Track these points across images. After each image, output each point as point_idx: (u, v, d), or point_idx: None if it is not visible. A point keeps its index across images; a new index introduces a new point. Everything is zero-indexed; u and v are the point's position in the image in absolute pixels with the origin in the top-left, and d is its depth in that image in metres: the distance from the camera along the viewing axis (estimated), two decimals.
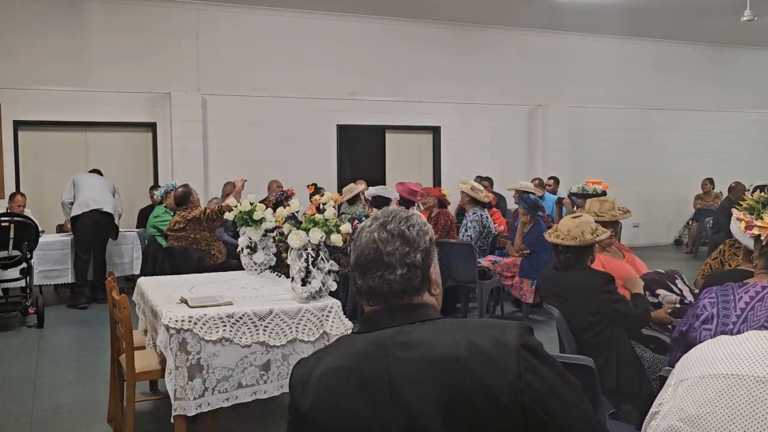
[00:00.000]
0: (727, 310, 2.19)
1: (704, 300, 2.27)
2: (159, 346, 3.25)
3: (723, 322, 2.17)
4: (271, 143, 9.90)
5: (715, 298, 2.24)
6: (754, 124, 13.30)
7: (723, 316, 2.19)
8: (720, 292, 2.25)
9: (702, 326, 2.21)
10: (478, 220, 6.52)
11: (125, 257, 7.80)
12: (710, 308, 2.23)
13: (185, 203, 6.16)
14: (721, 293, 2.24)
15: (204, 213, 5.97)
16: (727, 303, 2.21)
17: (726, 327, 2.16)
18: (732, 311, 2.18)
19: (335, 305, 3.55)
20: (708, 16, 10.71)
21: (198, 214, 6.02)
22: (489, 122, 11.26)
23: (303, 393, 1.34)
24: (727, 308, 2.20)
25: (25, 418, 4.12)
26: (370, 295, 1.36)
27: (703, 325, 2.21)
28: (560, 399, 1.22)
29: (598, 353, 3.10)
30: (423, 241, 1.36)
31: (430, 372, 1.23)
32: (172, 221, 6.24)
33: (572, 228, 3.39)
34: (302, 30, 10.02)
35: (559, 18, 10.68)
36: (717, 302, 2.22)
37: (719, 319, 2.19)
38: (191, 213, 6.05)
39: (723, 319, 2.18)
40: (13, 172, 8.78)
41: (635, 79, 12.22)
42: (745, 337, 1.06)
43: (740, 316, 2.16)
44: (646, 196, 12.20)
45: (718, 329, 2.17)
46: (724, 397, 0.97)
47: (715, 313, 2.21)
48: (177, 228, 6.05)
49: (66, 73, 8.94)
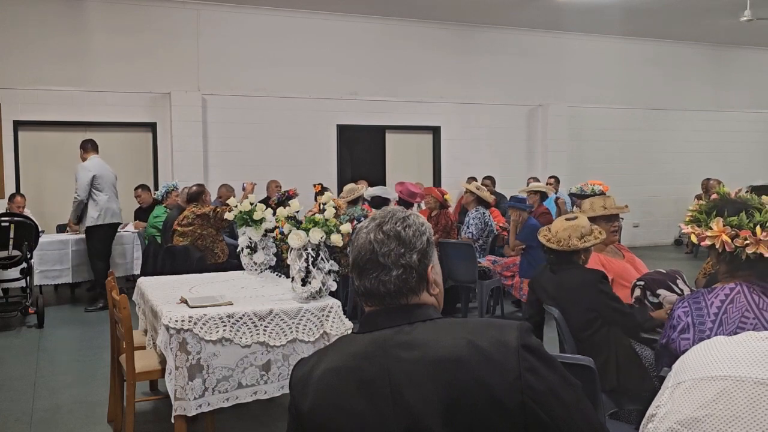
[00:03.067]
0: (702, 317, 2.21)
1: (678, 310, 2.28)
2: (159, 346, 3.25)
3: (699, 329, 2.19)
4: (271, 143, 9.90)
5: (689, 307, 2.25)
6: (753, 124, 13.30)
7: (699, 323, 2.20)
8: (692, 300, 2.27)
9: (680, 336, 2.23)
10: (480, 218, 6.55)
11: (125, 257, 7.80)
12: (685, 318, 2.24)
13: (198, 200, 6.32)
14: (693, 301, 2.26)
15: (214, 211, 6.10)
16: (700, 310, 2.22)
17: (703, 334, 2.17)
18: (706, 317, 2.20)
19: (335, 305, 3.55)
20: (708, 16, 10.71)
21: (208, 210, 6.18)
22: (489, 122, 11.26)
23: (303, 393, 1.34)
24: (701, 315, 2.21)
25: (25, 418, 4.12)
26: (368, 295, 1.36)
27: (681, 335, 2.23)
28: (560, 399, 1.22)
29: (598, 352, 3.10)
30: (419, 242, 1.36)
31: (430, 372, 1.23)
32: (181, 216, 6.37)
33: (560, 231, 3.37)
34: (302, 30, 10.02)
35: (559, 18, 10.68)
36: (690, 311, 2.24)
37: (695, 327, 2.20)
38: (201, 209, 6.21)
39: (699, 326, 2.20)
40: (13, 172, 8.78)
41: (635, 79, 12.22)
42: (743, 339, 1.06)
43: (714, 321, 2.18)
44: (646, 196, 12.20)
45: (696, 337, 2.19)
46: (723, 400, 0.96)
47: (690, 322, 2.22)
48: (185, 222, 6.17)
49: (66, 73, 8.94)
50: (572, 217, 3.51)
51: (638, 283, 3.49)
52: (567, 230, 3.35)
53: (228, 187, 8.49)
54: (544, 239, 3.40)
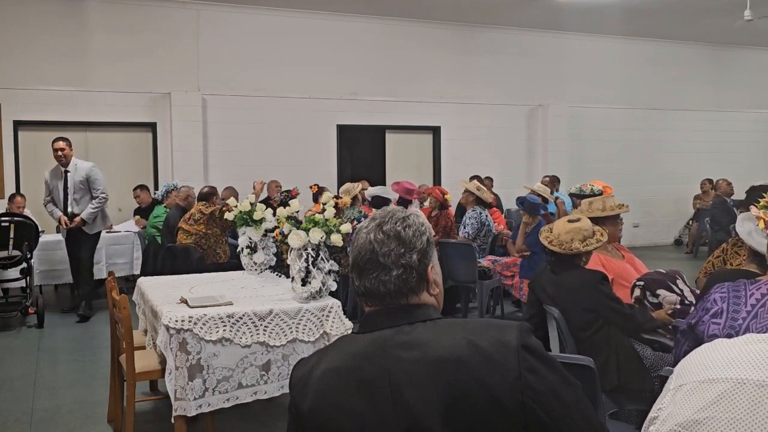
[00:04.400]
0: (738, 305, 2.19)
1: (715, 294, 2.26)
2: (159, 346, 3.25)
3: (732, 317, 2.17)
4: (271, 143, 9.90)
5: (727, 294, 2.23)
6: (753, 124, 13.30)
7: (733, 311, 2.18)
8: (732, 287, 2.25)
9: (711, 320, 2.21)
10: (476, 217, 6.53)
11: (125, 257, 7.79)
12: (720, 303, 2.22)
13: (208, 201, 6.49)
14: (732, 289, 2.23)
15: (220, 211, 6.20)
16: (738, 299, 2.20)
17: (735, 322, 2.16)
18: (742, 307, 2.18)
19: (335, 305, 3.55)
20: (708, 16, 10.71)
21: (215, 209, 6.32)
22: (489, 122, 11.27)
23: (303, 393, 1.34)
24: (738, 304, 2.19)
25: (25, 418, 4.12)
26: (368, 295, 1.36)
27: (713, 319, 2.21)
28: (560, 399, 1.22)
29: (598, 352, 3.09)
30: (419, 242, 1.36)
31: (430, 372, 1.23)
32: (188, 213, 6.48)
33: (563, 234, 3.35)
34: (302, 30, 10.02)
35: (559, 18, 10.68)
36: (728, 297, 2.22)
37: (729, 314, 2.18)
38: (209, 208, 6.36)
39: (732, 314, 2.18)
40: (13, 172, 8.79)
41: (635, 79, 12.22)
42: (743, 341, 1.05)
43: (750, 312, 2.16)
44: (646, 196, 12.19)
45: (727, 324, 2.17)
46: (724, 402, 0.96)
47: (725, 308, 2.20)
48: (192, 221, 6.29)
49: (66, 73, 8.95)
50: (575, 219, 3.47)
51: (638, 283, 3.48)
52: (569, 233, 3.33)
53: (232, 189, 8.47)
54: (546, 241, 3.39)
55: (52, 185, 6.71)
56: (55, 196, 6.72)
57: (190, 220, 6.39)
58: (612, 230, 3.94)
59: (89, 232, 6.73)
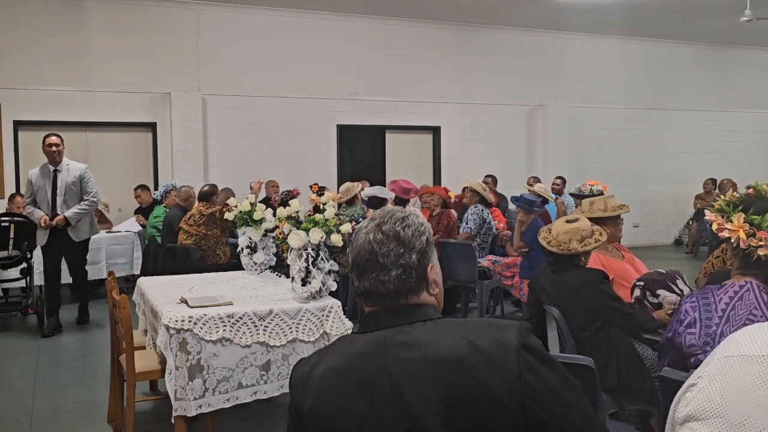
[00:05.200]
0: (709, 312, 2.21)
1: (686, 305, 2.29)
2: (159, 346, 3.25)
3: (706, 324, 2.19)
4: (271, 143, 9.90)
5: (696, 302, 2.26)
6: (753, 124, 13.30)
7: (705, 319, 2.20)
8: (700, 295, 2.28)
9: (686, 331, 2.23)
10: (479, 213, 6.56)
11: (125, 257, 7.79)
12: (692, 312, 2.24)
13: (208, 200, 6.44)
14: (701, 297, 2.26)
15: (220, 212, 6.14)
16: (708, 305, 2.22)
17: (709, 329, 2.18)
18: (714, 313, 2.20)
19: (335, 305, 3.55)
20: (708, 16, 10.71)
21: (215, 210, 6.28)
22: (489, 122, 11.27)
23: (303, 393, 1.34)
24: (709, 311, 2.21)
25: (25, 418, 4.12)
26: (368, 296, 1.36)
27: (687, 329, 2.23)
28: (560, 399, 1.22)
29: (598, 352, 3.09)
30: (419, 242, 1.36)
31: (430, 372, 1.23)
32: (188, 214, 6.44)
33: (561, 234, 3.34)
34: (302, 30, 10.02)
35: (559, 18, 10.68)
36: (698, 306, 2.24)
37: (702, 321, 2.21)
38: (209, 209, 6.32)
39: (706, 321, 2.20)
40: (13, 172, 8.79)
41: (635, 79, 12.22)
42: None
43: (722, 317, 2.18)
44: (646, 196, 12.20)
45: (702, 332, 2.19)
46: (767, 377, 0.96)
47: (698, 317, 2.22)
48: (192, 222, 6.25)
49: (66, 73, 8.95)
50: (573, 219, 3.46)
51: (638, 283, 3.48)
52: (567, 233, 3.32)
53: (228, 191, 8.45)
54: (544, 241, 3.38)
55: (38, 185, 6.10)
56: (40, 197, 6.11)
57: (190, 221, 6.37)
58: (613, 230, 3.93)
59: (75, 239, 6.15)
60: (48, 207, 6.09)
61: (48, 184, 6.09)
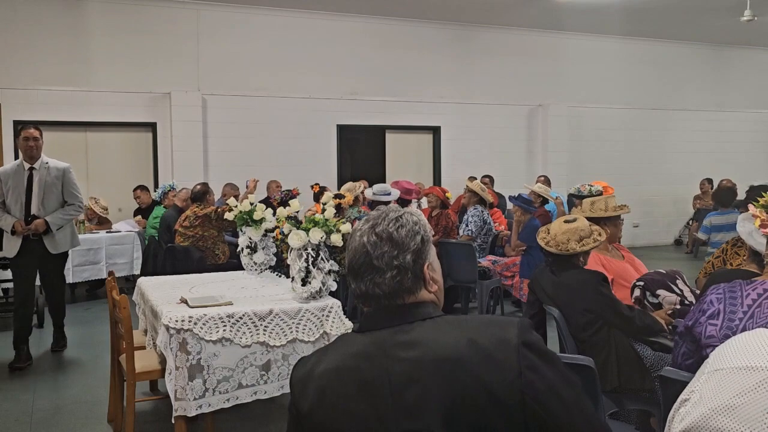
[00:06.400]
0: (734, 306, 2.18)
1: (711, 295, 2.26)
2: (159, 346, 3.24)
3: (729, 317, 2.17)
4: (270, 143, 9.90)
5: (723, 294, 2.23)
6: (753, 124, 13.30)
7: (729, 312, 2.18)
8: (728, 288, 2.24)
9: (708, 321, 2.21)
10: (479, 215, 6.56)
11: (125, 257, 7.79)
12: (717, 304, 2.22)
13: (202, 200, 6.35)
14: (728, 289, 2.23)
15: (215, 212, 6.10)
16: (734, 299, 2.20)
17: (732, 323, 2.15)
18: (739, 307, 2.17)
19: (335, 305, 3.55)
20: (708, 16, 10.71)
21: (210, 211, 6.19)
22: (489, 122, 11.27)
23: (303, 393, 1.34)
24: (734, 304, 2.19)
25: (25, 418, 4.12)
26: (365, 298, 1.36)
27: (709, 320, 2.21)
28: (560, 397, 1.22)
29: (598, 353, 3.09)
30: (413, 242, 1.35)
31: (430, 371, 1.23)
32: (182, 216, 6.38)
33: (559, 234, 3.33)
34: (302, 30, 10.02)
35: (559, 18, 10.68)
36: (724, 298, 2.21)
37: (725, 314, 2.18)
38: (203, 210, 6.23)
39: (729, 315, 2.17)
40: None
41: (635, 79, 12.23)
42: None
43: (747, 312, 2.15)
44: (646, 196, 12.20)
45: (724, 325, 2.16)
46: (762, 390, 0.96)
47: (722, 309, 2.20)
48: (187, 224, 6.19)
49: (66, 73, 8.95)
50: (571, 219, 3.45)
51: (638, 283, 3.48)
52: (566, 234, 3.32)
53: (233, 185, 8.45)
54: (543, 242, 3.37)
55: (9, 185, 5.16)
56: (12, 199, 5.15)
57: (185, 222, 6.28)
58: (613, 231, 3.94)
59: (52, 251, 5.21)
60: (21, 211, 5.13)
61: (23, 183, 5.16)
